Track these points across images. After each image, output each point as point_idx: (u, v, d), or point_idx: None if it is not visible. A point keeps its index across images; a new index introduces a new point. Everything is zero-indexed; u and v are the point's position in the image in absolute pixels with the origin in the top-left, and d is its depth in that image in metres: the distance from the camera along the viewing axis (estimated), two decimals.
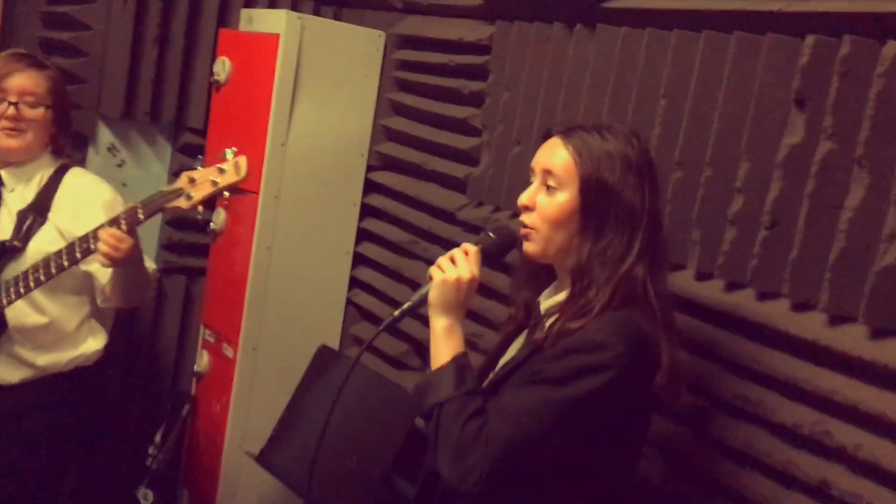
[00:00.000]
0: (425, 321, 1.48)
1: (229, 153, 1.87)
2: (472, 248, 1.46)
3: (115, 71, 2.63)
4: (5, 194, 2.08)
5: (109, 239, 1.85)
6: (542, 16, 2.10)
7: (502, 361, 1.52)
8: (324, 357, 2.52)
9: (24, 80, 2.05)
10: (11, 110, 2.02)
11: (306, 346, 2.51)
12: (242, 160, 1.86)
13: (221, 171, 1.87)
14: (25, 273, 1.93)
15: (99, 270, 2.02)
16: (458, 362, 1.39)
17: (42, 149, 2.12)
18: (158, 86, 2.71)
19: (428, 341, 1.45)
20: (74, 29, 2.68)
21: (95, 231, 1.88)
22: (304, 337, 2.61)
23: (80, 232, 2.02)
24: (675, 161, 1.74)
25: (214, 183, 1.87)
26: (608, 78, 1.90)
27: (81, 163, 2.59)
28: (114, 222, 1.88)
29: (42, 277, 1.92)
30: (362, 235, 2.74)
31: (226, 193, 1.89)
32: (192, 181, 1.88)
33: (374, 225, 2.71)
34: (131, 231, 1.89)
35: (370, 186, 2.72)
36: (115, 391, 2.78)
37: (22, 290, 1.93)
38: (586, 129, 1.43)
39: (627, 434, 1.43)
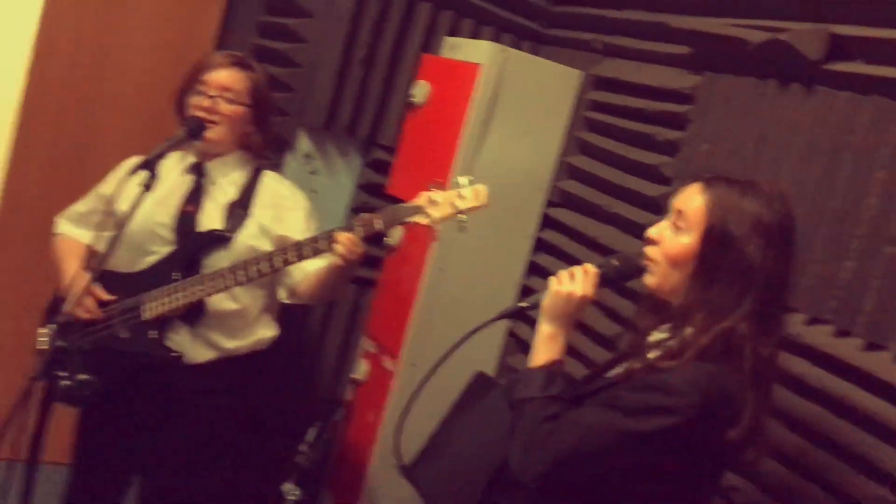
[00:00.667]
0: None
1: (463, 180, 1.92)
2: (592, 270, 1.57)
3: (322, 84, 2.78)
4: (208, 186, 2.22)
5: (347, 242, 1.93)
6: (755, 71, 2.06)
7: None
8: (479, 383, 2.53)
9: (224, 77, 2.18)
10: (207, 102, 2.15)
11: (464, 370, 2.54)
12: (482, 188, 1.91)
13: (462, 196, 1.91)
14: (234, 267, 2.04)
15: (295, 268, 2.12)
16: (551, 368, 1.52)
17: (236, 145, 2.24)
18: (359, 103, 2.84)
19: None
20: (289, 40, 2.85)
21: (330, 233, 1.96)
22: (462, 361, 2.63)
23: (283, 232, 2.13)
24: (889, 236, 1.66)
25: (455, 206, 1.92)
26: (822, 143, 1.84)
27: (278, 166, 2.75)
28: (349, 227, 1.96)
29: (251, 275, 2.03)
30: (532, 269, 2.76)
31: (463, 217, 1.93)
32: (432, 201, 1.93)
33: (545, 260, 2.72)
34: (366, 238, 1.97)
35: (547, 222, 2.74)
36: (274, 384, 2.90)
37: (231, 283, 2.04)
38: (730, 182, 1.47)
39: (689, 483, 1.47)
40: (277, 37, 2.93)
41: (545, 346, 1.56)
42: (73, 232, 2.31)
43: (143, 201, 1.93)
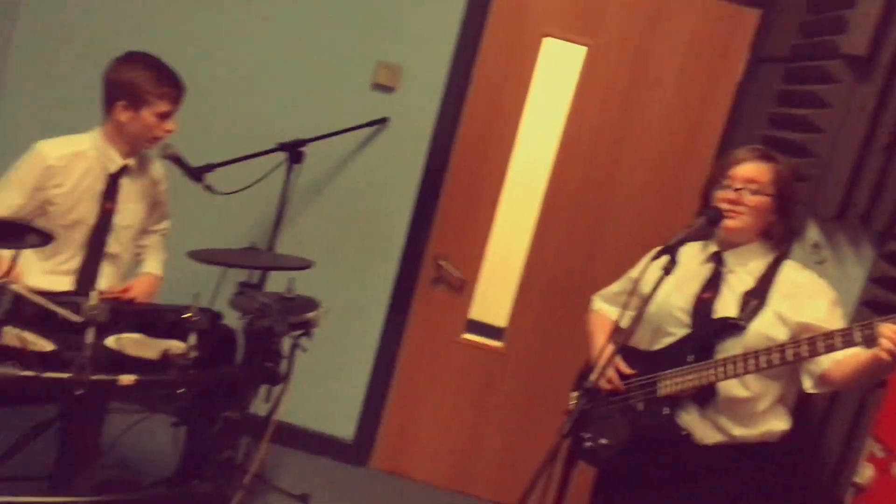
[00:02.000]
0: None
1: None
2: None
3: (836, 174, 2.73)
4: (726, 274, 2.33)
5: (893, 335, 1.91)
6: None
7: None
8: None
9: (750, 170, 2.30)
10: (733, 195, 2.27)
11: None
12: None
13: None
14: (746, 355, 2.12)
15: (826, 358, 2.12)
16: None
17: (757, 235, 2.33)
18: (877, 193, 2.73)
19: None
20: (803, 130, 2.86)
21: (869, 324, 1.94)
22: None
23: (803, 319, 2.15)
24: None
25: None
26: None
27: (785, 255, 2.76)
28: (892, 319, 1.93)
29: (762, 365, 2.09)
30: None
31: None
32: None
33: None
34: None
35: None
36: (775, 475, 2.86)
37: (741, 370, 2.13)
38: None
39: None
40: (790, 127, 2.96)
41: None
42: (605, 309, 2.61)
43: (663, 284, 2.11)
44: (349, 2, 3.52)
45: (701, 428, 2.26)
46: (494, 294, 3.80)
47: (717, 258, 2.35)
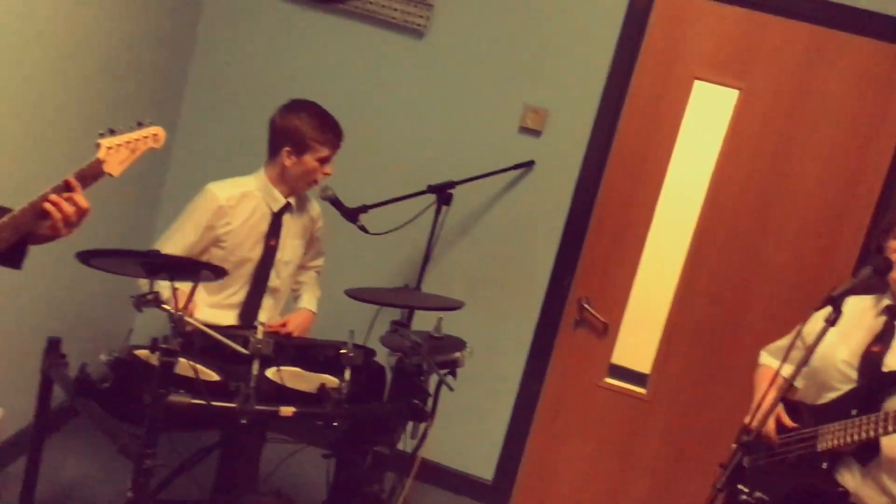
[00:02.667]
0: None
1: None
2: None
3: None
4: None
5: None
6: None
7: None
8: None
9: None
10: None
11: None
12: None
13: None
14: None
15: None
16: None
17: None
18: None
19: None
20: None
21: None
22: None
23: None
24: None
25: None
26: None
27: None
28: None
29: None
30: None
31: None
32: None
33: None
34: None
35: None
36: None
37: None
38: None
39: None
40: None
41: None
42: (769, 362, 2.55)
43: (826, 336, 2.03)
44: (498, 47, 3.61)
45: (862, 487, 2.15)
46: (638, 339, 3.74)
47: (891, 312, 2.25)
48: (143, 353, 2.55)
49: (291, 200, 2.96)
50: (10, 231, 1.79)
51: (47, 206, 1.83)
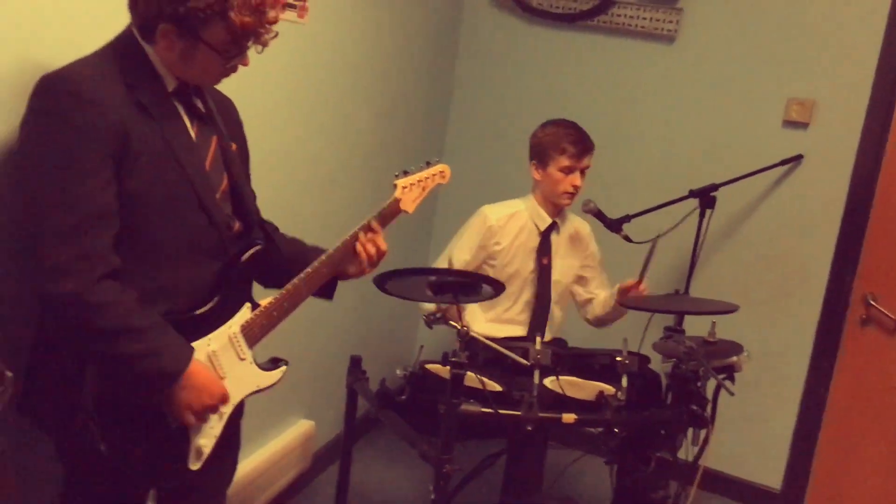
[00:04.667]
0: None
1: None
2: None
3: None
4: None
5: None
6: None
7: None
8: None
9: None
10: None
11: None
12: None
13: None
14: None
15: None
16: None
17: None
18: None
19: None
20: None
21: None
22: None
23: None
24: None
25: None
26: None
27: None
28: None
29: None
30: None
31: None
32: None
33: None
34: None
35: None
36: None
37: None
38: None
39: None
40: None
41: None
42: None
43: None
44: (754, 42, 3.51)
45: None
46: None
47: None
48: (433, 366, 2.78)
49: (558, 220, 3.08)
50: (329, 268, 2.03)
51: (358, 247, 2.05)
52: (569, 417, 2.45)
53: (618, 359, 2.52)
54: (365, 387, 2.88)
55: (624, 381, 2.51)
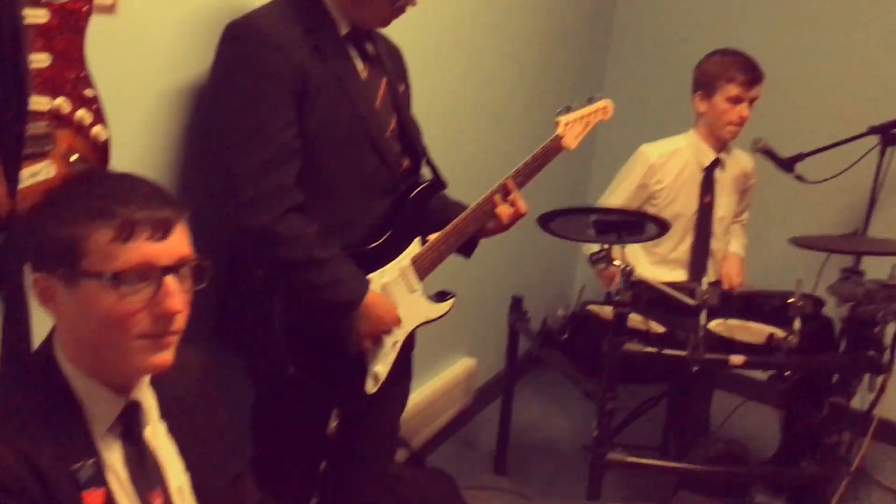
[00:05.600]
0: None
1: None
2: None
3: None
4: None
5: None
6: None
7: None
8: None
9: None
10: None
11: None
12: None
13: None
14: None
15: None
16: None
17: None
18: None
19: None
20: None
21: None
22: None
23: None
24: None
25: None
26: None
27: None
28: None
29: None
30: None
31: None
32: None
33: None
34: None
35: None
36: None
37: None
38: None
39: None
40: None
41: None
42: None
43: None
44: None
45: None
46: None
47: None
48: (595, 307, 2.79)
49: (722, 156, 2.98)
50: (473, 224, 2.04)
51: (498, 209, 2.03)
52: (737, 359, 2.39)
53: (790, 301, 2.43)
54: (527, 326, 2.93)
55: (797, 324, 2.42)
